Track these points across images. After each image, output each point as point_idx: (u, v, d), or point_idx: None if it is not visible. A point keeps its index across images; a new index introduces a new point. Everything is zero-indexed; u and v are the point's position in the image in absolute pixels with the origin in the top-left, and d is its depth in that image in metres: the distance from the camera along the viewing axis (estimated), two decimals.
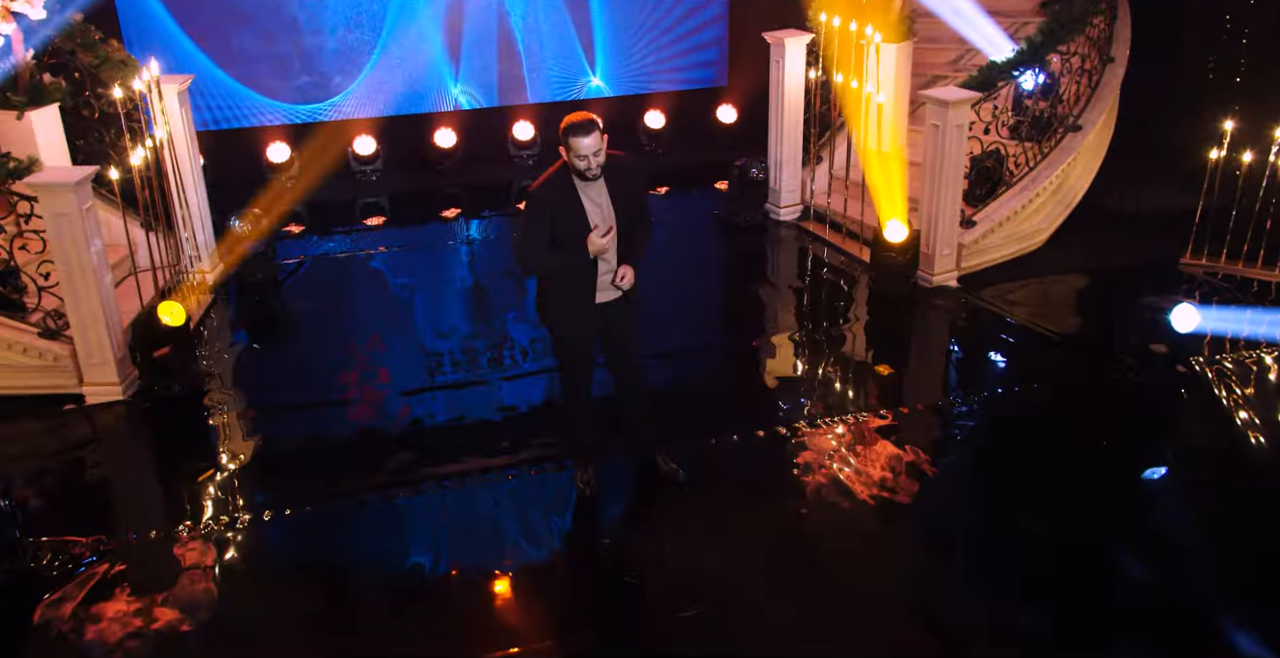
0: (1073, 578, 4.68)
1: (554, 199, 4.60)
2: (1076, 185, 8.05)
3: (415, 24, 9.43)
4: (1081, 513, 5.09)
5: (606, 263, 4.73)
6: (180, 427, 6.03)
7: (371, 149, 9.56)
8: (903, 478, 5.36)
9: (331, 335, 7.03)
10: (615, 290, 4.79)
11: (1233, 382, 6.08)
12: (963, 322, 7.08)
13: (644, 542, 5.02)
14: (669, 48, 10.31)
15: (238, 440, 5.92)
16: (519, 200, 9.45)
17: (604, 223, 4.63)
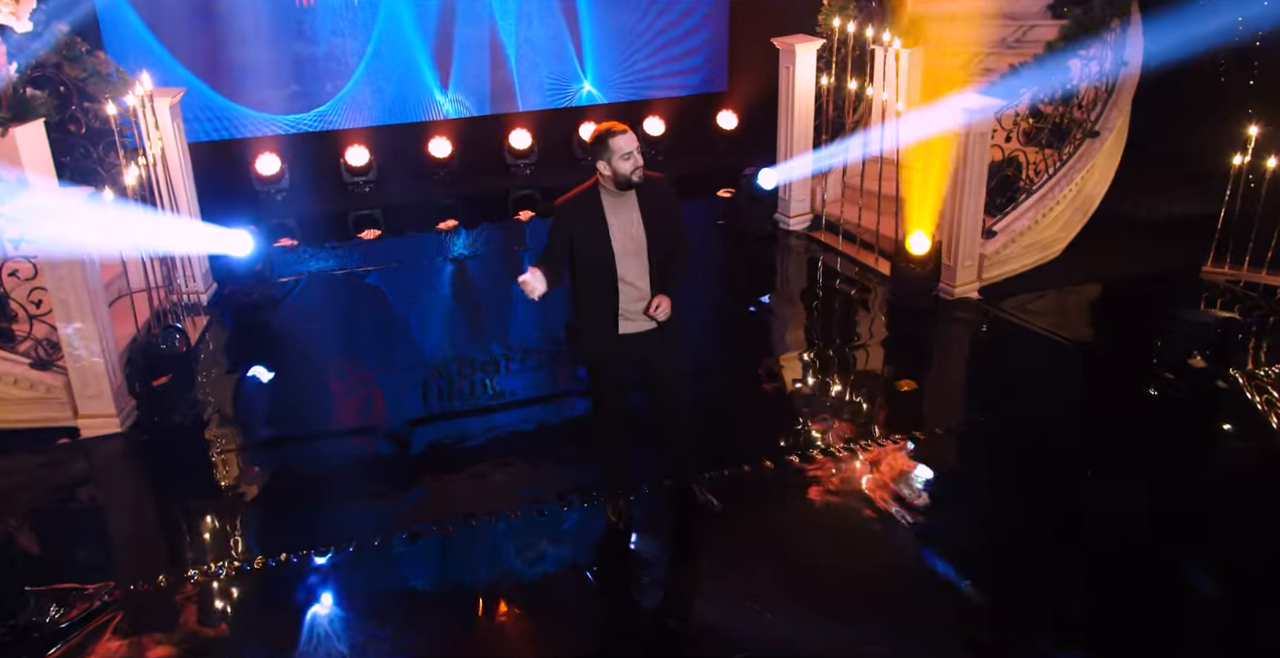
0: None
1: (576, 217, 4.38)
2: (1093, 192, 7.89)
3: (403, 32, 9.14)
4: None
5: (637, 290, 4.47)
6: (182, 461, 5.72)
7: (364, 160, 9.25)
8: (945, 503, 5.17)
9: (332, 359, 6.72)
10: (648, 321, 4.51)
11: (1275, 396, 5.95)
12: (989, 336, 6.90)
13: (684, 578, 4.78)
14: (661, 52, 10.09)
15: (243, 476, 5.61)
16: (517, 211, 9.24)
17: (631, 243, 4.39)
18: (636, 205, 4.39)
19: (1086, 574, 4.68)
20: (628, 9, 9.78)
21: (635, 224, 4.38)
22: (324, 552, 4.86)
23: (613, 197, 4.38)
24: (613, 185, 4.35)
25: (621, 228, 4.38)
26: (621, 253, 4.39)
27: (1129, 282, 7.52)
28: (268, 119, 9.03)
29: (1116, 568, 4.71)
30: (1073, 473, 5.37)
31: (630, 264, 4.41)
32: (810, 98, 7.96)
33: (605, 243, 4.36)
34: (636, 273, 4.43)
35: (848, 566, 4.80)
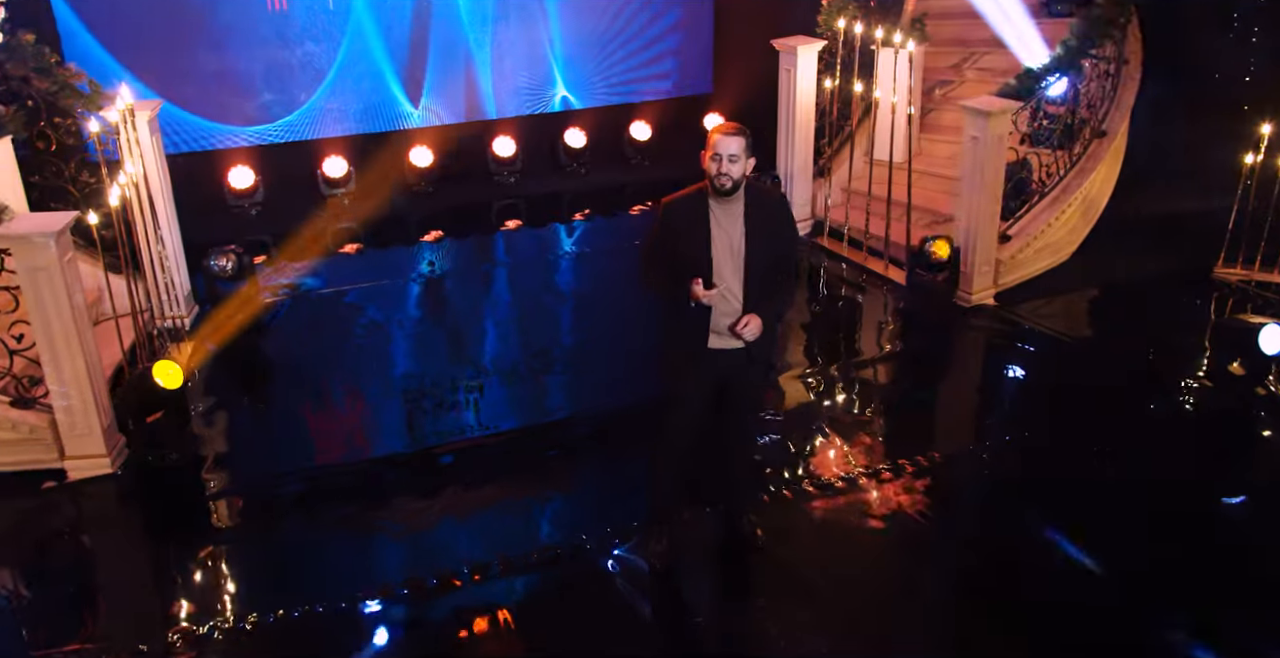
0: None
1: (680, 216, 4.16)
2: (1099, 194, 7.78)
3: (375, 38, 8.75)
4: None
5: (729, 304, 4.20)
6: (180, 505, 5.31)
7: (342, 170, 8.83)
8: (991, 523, 4.98)
9: (326, 387, 6.34)
10: (735, 339, 4.24)
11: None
12: (1012, 344, 6.72)
13: (737, 621, 4.52)
14: (639, 55, 9.80)
15: (245, 520, 5.21)
16: (509, 219, 8.90)
17: (730, 253, 4.13)
18: (742, 215, 4.14)
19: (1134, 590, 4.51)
20: (601, 12, 9.48)
21: (738, 234, 4.14)
22: (324, 607, 4.48)
23: (719, 202, 4.14)
24: (709, 185, 4.11)
25: (723, 235, 4.14)
26: (720, 261, 4.14)
27: (1141, 284, 7.40)
28: (238, 131, 8.58)
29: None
30: (1119, 488, 5.21)
31: (727, 275, 4.16)
32: (811, 100, 7.74)
33: (705, 248, 4.13)
34: (732, 284, 4.18)
35: (899, 597, 4.58)
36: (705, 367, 4.31)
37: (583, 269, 8.06)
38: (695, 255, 4.13)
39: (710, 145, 4.05)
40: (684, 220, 4.15)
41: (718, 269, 4.14)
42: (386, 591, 4.55)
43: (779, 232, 4.22)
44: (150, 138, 6.14)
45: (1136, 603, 4.45)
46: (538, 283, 7.85)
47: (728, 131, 4.06)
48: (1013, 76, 7.84)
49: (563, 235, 8.69)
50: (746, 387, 4.43)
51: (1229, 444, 5.66)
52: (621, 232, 8.79)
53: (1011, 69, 8.33)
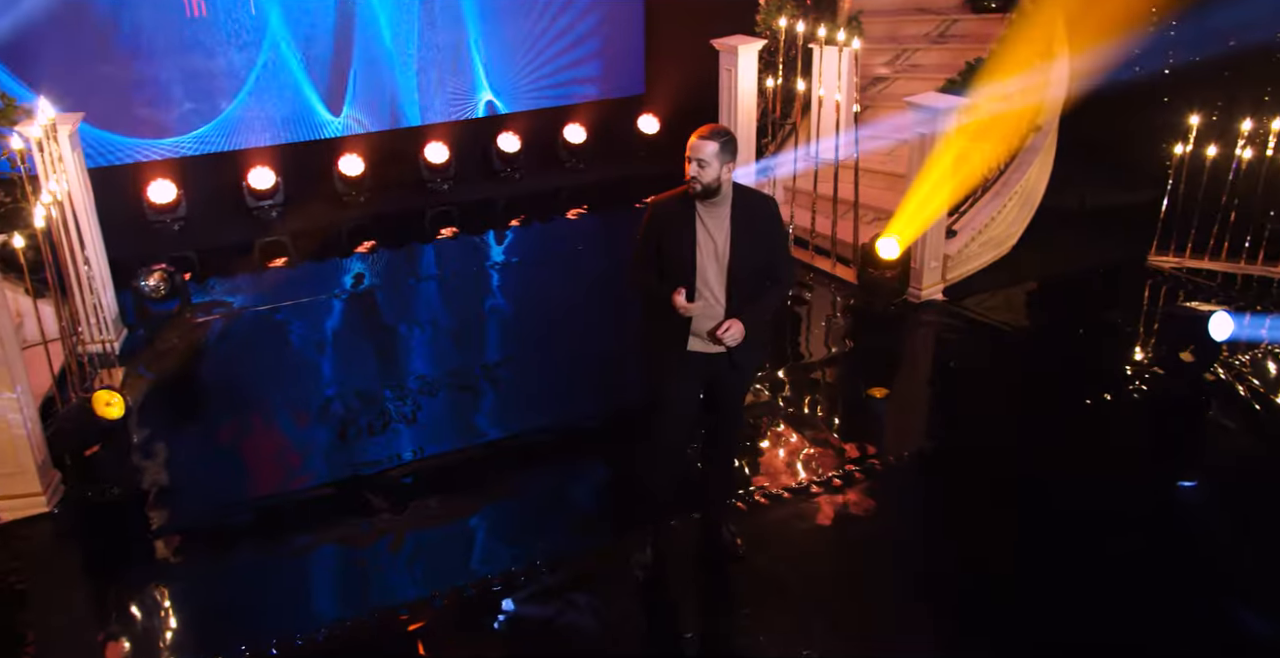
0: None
1: (665, 217, 4.08)
2: (1036, 186, 7.91)
3: (295, 46, 8.44)
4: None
5: (712, 307, 4.11)
6: (122, 543, 4.99)
7: (270, 182, 8.49)
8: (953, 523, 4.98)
9: (266, 410, 6.04)
10: (717, 344, 4.15)
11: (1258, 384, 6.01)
12: (965, 338, 6.77)
13: (726, 631, 4.43)
14: (564, 56, 9.66)
15: (190, 557, 4.87)
16: (443, 227, 8.67)
17: (715, 255, 4.04)
18: (729, 218, 4.05)
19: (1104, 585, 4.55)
20: (524, 15, 9.31)
21: (723, 236, 4.05)
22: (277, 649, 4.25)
23: (706, 204, 4.05)
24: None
25: (708, 238, 4.05)
26: (704, 264, 4.06)
27: (1080, 274, 7.57)
28: (154, 143, 8.19)
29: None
30: (1074, 479, 5.27)
31: (710, 278, 4.07)
32: (753, 99, 7.69)
33: (689, 250, 4.04)
34: (715, 288, 4.09)
35: (880, 599, 4.55)
36: (688, 369, 4.22)
37: (520, 279, 7.87)
38: (679, 257, 4.04)
39: (687, 148, 3.96)
40: (669, 221, 4.07)
41: (701, 272, 4.05)
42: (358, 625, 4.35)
43: (766, 235, 4.14)
44: (72, 153, 5.78)
45: (1100, 595, 4.46)
46: (474, 294, 7.65)
47: (701, 135, 3.98)
48: (946, 72, 7.97)
49: (498, 243, 8.50)
50: (729, 394, 4.34)
51: (1182, 430, 5.78)
52: (558, 238, 8.66)
53: (943, 65, 8.46)
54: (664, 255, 4.09)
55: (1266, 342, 6.43)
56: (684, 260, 4.04)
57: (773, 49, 7.66)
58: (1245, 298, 7.11)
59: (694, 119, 9.72)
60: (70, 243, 5.56)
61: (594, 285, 7.65)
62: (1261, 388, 6.00)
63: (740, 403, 4.47)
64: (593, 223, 8.96)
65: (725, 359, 4.18)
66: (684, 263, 4.04)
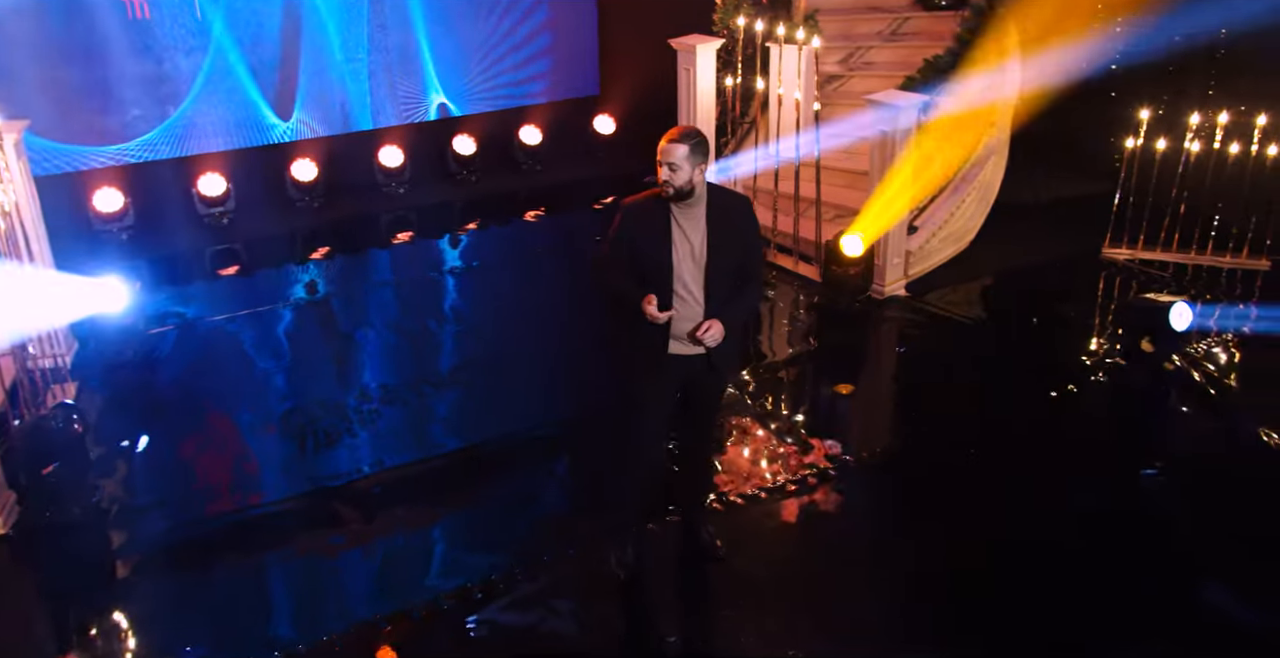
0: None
1: (640, 218, 4.04)
2: (992, 181, 8.00)
3: (243, 50, 8.26)
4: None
5: (690, 308, 4.08)
6: (84, 564, 4.81)
7: (220, 189, 8.30)
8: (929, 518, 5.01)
9: (224, 423, 5.91)
10: (697, 346, 4.12)
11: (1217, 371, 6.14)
12: (928, 334, 6.82)
13: (710, 633, 4.40)
14: (515, 57, 9.59)
15: (159, 577, 4.72)
16: (399, 231, 8.55)
17: (692, 257, 4.01)
18: (704, 220, 4.03)
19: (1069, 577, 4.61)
20: (474, 16, 9.21)
21: (699, 237, 4.02)
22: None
23: (680, 206, 4.02)
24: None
25: (684, 240, 4.02)
26: (680, 266, 4.02)
27: (1037, 267, 7.67)
28: (98, 150, 7.96)
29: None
30: (1042, 470, 5.33)
31: (688, 279, 4.04)
32: (712, 98, 7.69)
33: (666, 251, 4.00)
34: (693, 289, 4.05)
35: (861, 596, 4.57)
36: (666, 372, 4.19)
37: (479, 283, 7.77)
38: (655, 260, 4.01)
39: (658, 152, 3.92)
40: (644, 223, 4.03)
41: (678, 274, 4.02)
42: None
43: (743, 236, 4.12)
44: (18, 162, 5.59)
45: (1071, 584, 4.52)
46: (434, 300, 7.55)
47: (671, 138, 3.95)
48: (899, 70, 8.04)
49: (456, 248, 8.40)
50: (707, 395, 4.32)
51: (1145, 419, 5.88)
52: (517, 240, 8.58)
53: (896, 63, 8.54)
54: (638, 258, 4.04)
55: (1219, 330, 6.58)
56: (660, 262, 4.01)
57: (730, 48, 7.66)
58: (1196, 287, 7.26)
59: (650, 119, 9.76)
60: (19, 254, 5.37)
61: (555, 288, 7.60)
62: (1217, 375, 6.13)
63: (718, 405, 4.46)
64: (551, 225, 8.89)
65: (704, 361, 4.15)
66: (660, 265, 4.01)
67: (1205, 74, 8.31)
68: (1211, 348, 6.44)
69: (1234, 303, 7.04)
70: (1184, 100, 7.97)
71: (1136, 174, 7.50)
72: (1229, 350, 6.43)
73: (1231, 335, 6.59)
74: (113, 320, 6.27)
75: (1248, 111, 7.40)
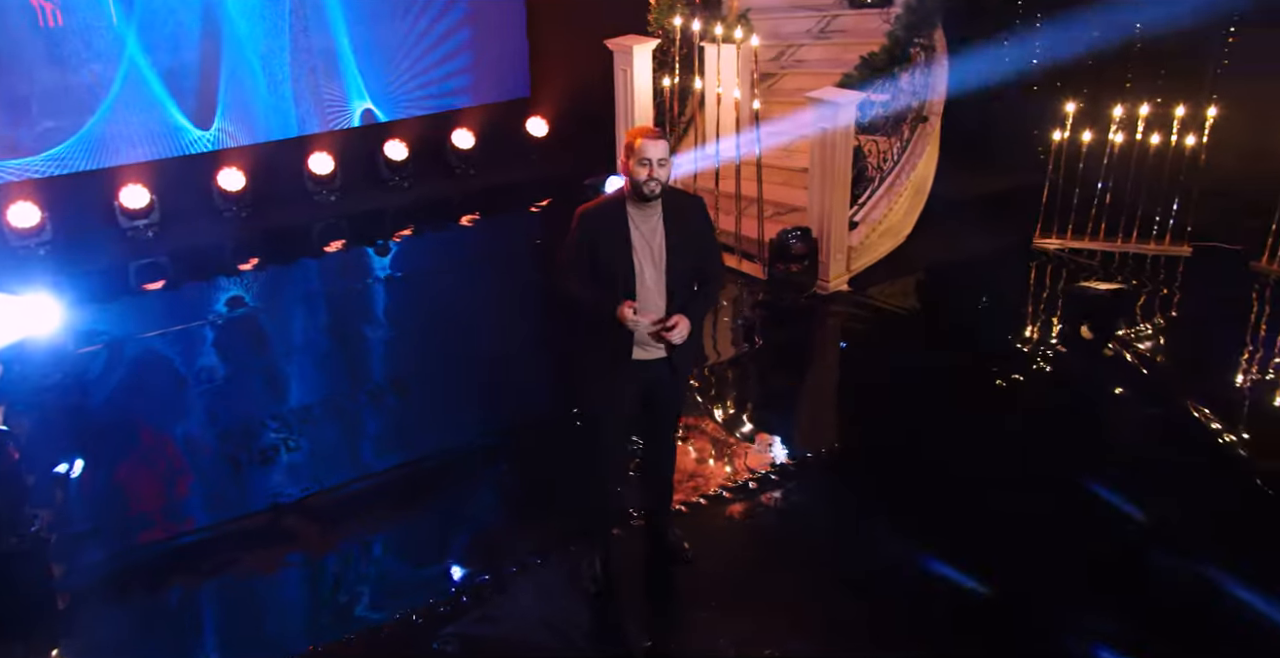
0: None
1: (598, 225, 3.97)
2: (926, 175, 8.14)
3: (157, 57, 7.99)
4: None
5: (648, 313, 4.02)
6: (25, 597, 4.60)
7: (144, 201, 8.01)
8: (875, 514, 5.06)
9: (160, 445, 5.70)
10: (659, 348, 4.08)
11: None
12: (873, 328, 6.90)
13: (686, 637, 4.38)
14: (444, 62, 9.48)
15: (104, 607, 4.50)
16: (332, 240, 8.36)
17: (652, 261, 3.98)
18: (662, 222, 3.98)
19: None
20: (397, 20, 9.07)
21: (658, 241, 3.98)
22: None
23: (638, 208, 3.96)
24: (630, 191, 3.93)
25: (644, 243, 3.97)
26: (641, 270, 3.98)
27: (973, 258, 7.81)
28: (9, 164, 7.61)
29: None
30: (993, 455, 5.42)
31: (649, 284, 4.00)
32: (649, 99, 7.68)
33: (625, 256, 3.95)
34: (654, 293, 4.01)
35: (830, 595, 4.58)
36: (628, 379, 4.15)
37: (416, 290, 7.64)
38: (616, 265, 3.96)
39: (635, 150, 3.87)
40: (603, 230, 3.97)
41: (640, 278, 3.98)
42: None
43: (700, 237, 4.11)
44: None
45: (1017, 579, 4.56)
46: (370, 309, 7.40)
47: (653, 135, 3.90)
48: (830, 67, 8.14)
49: (390, 255, 8.25)
50: (669, 398, 4.29)
51: (1086, 403, 6.03)
52: (453, 246, 8.47)
53: (827, 59, 8.65)
54: (599, 264, 3.99)
55: (1148, 315, 6.79)
56: (621, 268, 3.96)
57: (665, 48, 7.66)
58: (1123, 274, 7.49)
59: (583, 121, 9.75)
60: None
61: (494, 293, 7.49)
62: (1152, 358, 6.32)
63: (679, 407, 4.44)
64: (487, 229, 8.79)
65: (665, 364, 4.12)
66: (621, 271, 3.96)
67: (1122, 67, 8.59)
68: (1143, 332, 6.64)
69: (1160, 288, 7.27)
70: (1104, 92, 8.22)
71: (1064, 166, 7.71)
72: (1158, 334, 6.63)
73: (1160, 320, 6.81)
74: (39, 341, 6.00)
75: (1165, 103, 7.68)
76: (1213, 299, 7.07)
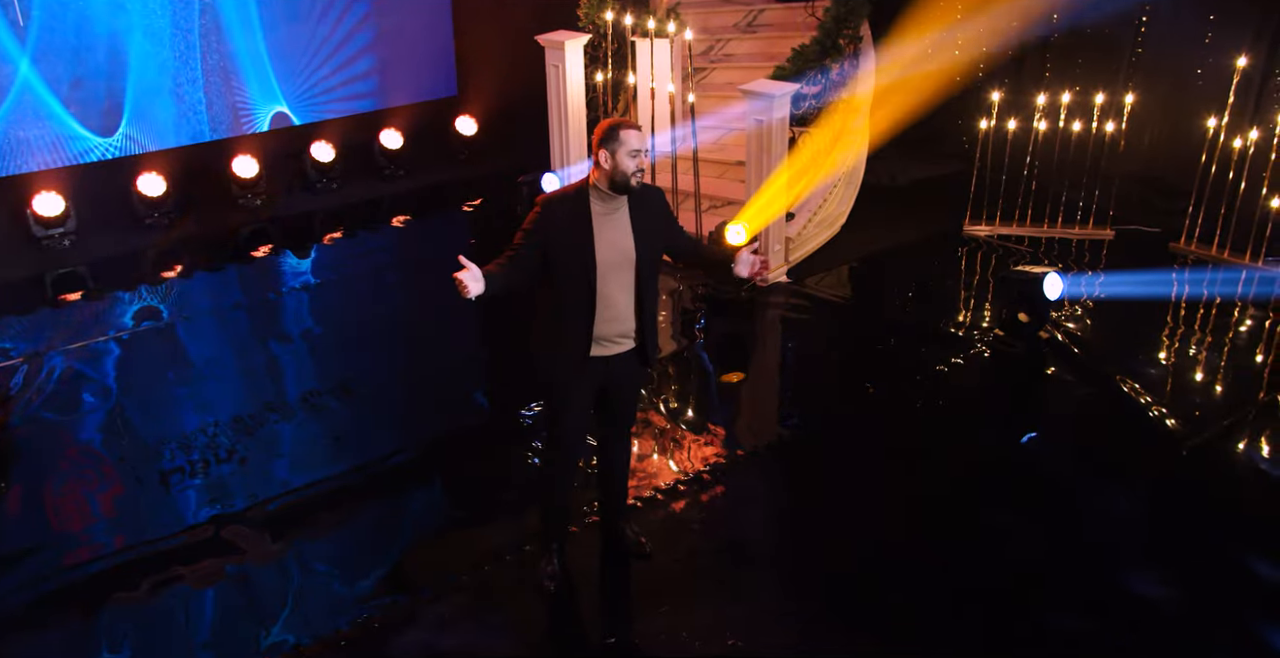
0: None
1: (559, 217, 3.85)
2: (858, 166, 8.24)
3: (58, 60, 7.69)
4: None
5: (615, 310, 3.97)
6: None
7: (59, 208, 7.70)
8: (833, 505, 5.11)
9: (87, 461, 5.48)
10: (626, 343, 4.04)
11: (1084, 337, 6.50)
12: (812, 318, 6.95)
13: (646, 631, 4.35)
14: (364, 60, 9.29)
15: (45, 630, 4.35)
16: (259, 245, 8.14)
17: (617, 256, 3.90)
18: (628, 215, 3.91)
19: None
20: (320, 17, 8.87)
21: (624, 235, 3.90)
22: None
23: (603, 202, 3.88)
24: (607, 185, 3.85)
25: (608, 237, 3.88)
26: (605, 265, 3.89)
27: (906, 246, 7.94)
28: None
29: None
30: (934, 441, 5.51)
31: (612, 279, 3.93)
32: (581, 94, 7.63)
33: (588, 251, 3.86)
34: (618, 290, 3.94)
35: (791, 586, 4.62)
36: (586, 375, 4.10)
37: (348, 294, 7.47)
38: (578, 259, 3.88)
39: (622, 141, 3.77)
40: (565, 222, 3.87)
41: (603, 275, 3.92)
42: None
43: (666, 223, 4.08)
44: None
45: (978, 547, 4.69)
46: (301, 314, 7.22)
47: (634, 126, 3.84)
48: (759, 60, 8.19)
49: (320, 258, 8.05)
50: (629, 391, 4.26)
51: (1023, 385, 6.16)
52: (385, 248, 8.31)
53: (756, 54, 8.70)
54: (559, 257, 3.89)
55: (1081, 297, 6.97)
56: (584, 261, 3.87)
57: (596, 43, 7.62)
58: (1050, 258, 7.67)
59: (513, 118, 9.65)
60: None
61: (429, 295, 7.36)
62: (1083, 338, 6.48)
63: (636, 401, 4.40)
64: (419, 229, 8.65)
65: (632, 356, 4.09)
66: (584, 264, 3.88)
67: (1040, 58, 8.80)
68: (1077, 315, 6.81)
69: (1086, 271, 7.46)
70: (1024, 82, 8.41)
71: (990, 153, 7.87)
72: (1089, 316, 6.81)
73: (1090, 302, 6.99)
74: None
75: (1084, 91, 7.89)
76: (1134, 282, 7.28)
